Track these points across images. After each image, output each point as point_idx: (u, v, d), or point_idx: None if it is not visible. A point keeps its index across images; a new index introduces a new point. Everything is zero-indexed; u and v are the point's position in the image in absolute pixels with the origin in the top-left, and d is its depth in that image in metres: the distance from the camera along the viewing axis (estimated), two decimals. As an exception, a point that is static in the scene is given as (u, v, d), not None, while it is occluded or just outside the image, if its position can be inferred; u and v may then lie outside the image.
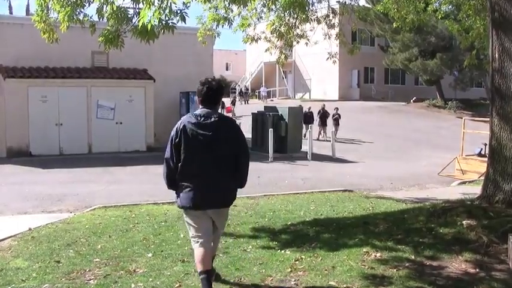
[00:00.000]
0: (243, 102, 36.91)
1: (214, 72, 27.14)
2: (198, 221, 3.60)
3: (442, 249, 4.89)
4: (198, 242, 3.58)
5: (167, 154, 3.57)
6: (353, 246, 5.18)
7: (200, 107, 3.62)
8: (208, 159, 3.49)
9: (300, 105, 20.22)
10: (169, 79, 17.61)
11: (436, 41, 31.15)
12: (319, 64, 36.61)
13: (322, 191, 10.01)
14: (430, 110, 32.56)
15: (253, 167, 16.53)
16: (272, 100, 37.19)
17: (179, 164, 3.49)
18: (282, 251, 5.10)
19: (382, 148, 19.10)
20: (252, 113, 17.68)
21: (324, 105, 21.89)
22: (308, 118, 20.55)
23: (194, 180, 3.51)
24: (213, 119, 3.51)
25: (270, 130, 15.46)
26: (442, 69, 31.71)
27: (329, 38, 9.96)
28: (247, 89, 39.63)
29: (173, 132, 3.56)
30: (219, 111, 3.67)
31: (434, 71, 31.71)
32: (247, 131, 20.00)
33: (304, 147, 16.53)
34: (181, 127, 3.55)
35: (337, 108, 21.38)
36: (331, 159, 16.06)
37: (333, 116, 21.01)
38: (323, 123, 20.75)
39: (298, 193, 9.64)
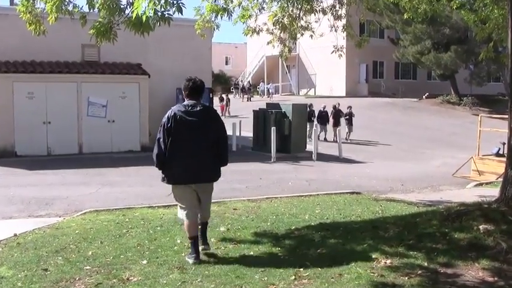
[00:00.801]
0: (246, 99, 36.81)
1: (213, 67, 27.30)
2: (185, 194, 4.88)
3: (457, 256, 4.88)
4: (185, 212, 4.87)
5: (159, 135, 4.74)
6: (361, 252, 5.18)
7: (186, 99, 4.92)
8: (195, 141, 4.74)
9: (310, 104, 20.07)
10: (165, 74, 17.63)
11: (450, 33, 31.09)
12: (325, 58, 36.50)
13: (329, 193, 10.02)
14: (444, 107, 32.57)
15: (255, 167, 16.34)
16: (269, 97, 37.17)
17: (169, 145, 4.67)
18: (286, 258, 5.11)
19: (393, 147, 19.11)
20: (253, 111, 17.71)
21: (338, 103, 21.49)
22: (323, 118, 20.35)
23: (182, 158, 4.72)
24: (198, 108, 4.85)
25: (273, 129, 15.49)
26: (456, 62, 31.65)
27: (335, 30, 9.93)
28: (250, 85, 39.54)
29: (165, 119, 4.83)
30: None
31: (449, 65, 31.66)
32: (249, 131, 20.18)
33: (309, 147, 16.56)
34: (172, 114, 4.84)
35: (350, 107, 20.93)
36: (338, 159, 16.09)
37: (346, 115, 20.68)
38: (336, 123, 20.29)
39: (302, 196, 9.66)
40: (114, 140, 16.25)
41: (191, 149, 4.78)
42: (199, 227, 5.05)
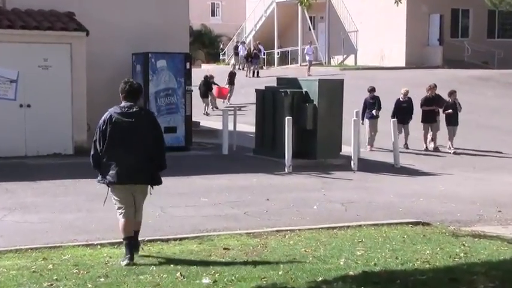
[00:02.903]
0: (252, 73, 36.47)
1: (192, 20, 27.11)
2: (122, 195, 7.38)
3: None
4: (122, 213, 7.40)
5: (95, 137, 7.28)
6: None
7: (123, 102, 7.37)
8: (130, 142, 7.20)
9: (372, 88, 19.20)
10: (115, 31, 17.63)
11: None
12: (373, 6, 36.67)
13: (377, 223, 9.98)
14: None
15: (259, 182, 16.42)
16: (307, 68, 36.91)
17: (106, 147, 7.19)
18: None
19: (484, 150, 19.04)
20: (257, 91, 17.70)
21: (435, 85, 19.64)
22: (405, 111, 18.83)
23: (118, 159, 7.21)
24: (134, 110, 7.31)
25: (287, 120, 15.44)
26: None
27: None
28: (258, 50, 39.10)
29: (101, 121, 7.31)
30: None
31: None
32: (249, 123, 19.96)
33: (347, 149, 16.55)
34: (108, 117, 7.27)
35: (453, 93, 19.03)
36: (393, 169, 16.08)
37: (447, 106, 18.82)
38: (431, 119, 19.06)
39: (335, 227, 9.63)
40: (30, 136, 16.15)
41: (127, 151, 7.24)
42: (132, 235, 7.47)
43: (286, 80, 18.50)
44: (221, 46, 46.73)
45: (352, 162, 15.67)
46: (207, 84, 26.68)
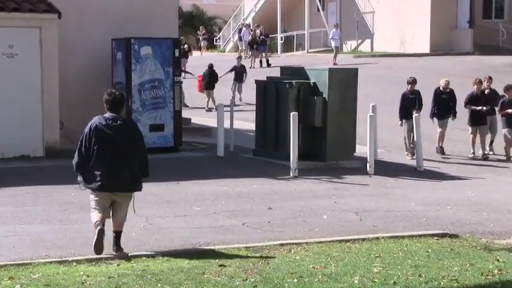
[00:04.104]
0: (260, 62, 35.77)
1: (182, 0, 27.02)
2: (100, 199, 8.81)
3: None
4: (95, 210, 8.81)
5: (79, 145, 8.72)
6: None
7: (108, 112, 8.89)
8: (114, 152, 8.72)
9: (413, 79, 17.85)
10: (92, 13, 17.64)
11: None
12: (392, -17, 36.71)
13: (397, 235, 9.98)
14: None
15: (260, 188, 16.38)
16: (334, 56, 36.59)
17: (89, 155, 8.69)
18: None
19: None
20: (257, 82, 17.67)
21: (489, 77, 18.95)
22: (442, 103, 18.14)
23: (102, 169, 8.67)
24: (118, 122, 8.80)
25: (292, 115, 15.44)
26: None
27: None
28: (266, 35, 38.41)
29: (87, 129, 8.77)
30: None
31: None
32: (248, 120, 19.91)
33: (361, 149, 16.55)
34: (94, 126, 8.75)
35: (510, 88, 18.18)
36: (415, 172, 16.08)
37: (503, 104, 17.90)
38: (479, 122, 18.22)
39: (348, 240, 9.65)
40: (-7, 136, 16.21)
41: (110, 161, 8.77)
42: (113, 235, 8.88)
43: (291, 69, 18.46)
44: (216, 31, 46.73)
45: (367, 164, 15.64)
46: (213, 74, 26.33)
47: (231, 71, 27.60)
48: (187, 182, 13.95)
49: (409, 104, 17.81)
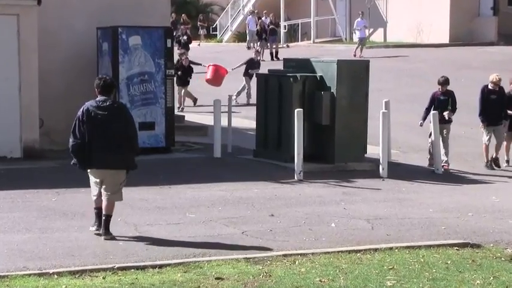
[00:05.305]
0: (270, 54, 35.76)
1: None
2: (95, 177, 10.41)
3: None
4: (93, 190, 10.45)
5: (73, 128, 10.30)
6: None
7: (98, 96, 10.47)
8: (105, 132, 10.28)
9: (445, 79, 16.79)
10: (75, 1, 17.65)
11: None
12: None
13: (413, 245, 10.00)
14: None
15: (260, 193, 16.41)
16: (358, 48, 36.49)
17: (82, 136, 10.25)
18: None
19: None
20: (257, 75, 17.62)
21: None
22: (493, 105, 18.13)
23: (94, 148, 10.24)
24: (108, 103, 10.41)
25: (297, 112, 15.44)
26: None
27: None
28: (276, 24, 38.39)
29: (80, 113, 10.34)
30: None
31: None
32: (247, 118, 19.88)
33: (373, 150, 16.60)
34: (85, 109, 10.31)
35: None
36: (433, 175, 16.08)
37: None
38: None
39: (358, 250, 9.66)
40: (-34, 136, 16.23)
41: (102, 139, 10.27)
42: (103, 218, 10.22)
43: (296, 61, 18.33)
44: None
45: (380, 167, 15.65)
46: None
47: (245, 63, 26.99)
48: (180, 186, 13.96)
49: (439, 106, 16.95)
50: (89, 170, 10.49)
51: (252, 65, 26.62)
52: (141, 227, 10.83)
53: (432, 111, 16.52)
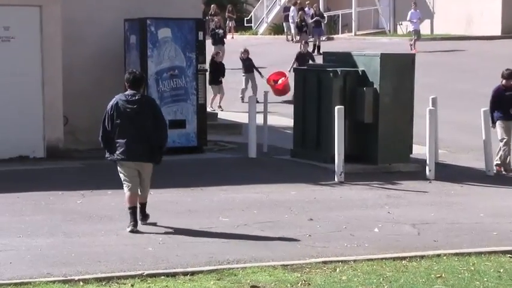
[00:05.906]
0: (314, 47, 35.52)
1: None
2: (128, 170, 11.12)
3: None
4: (127, 186, 11.07)
5: (104, 120, 11.13)
6: None
7: (128, 90, 11.22)
8: (134, 125, 11.10)
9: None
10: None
11: None
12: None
13: (462, 252, 9.95)
14: None
15: (298, 195, 16.46)
16: (412, 42, 36.49)
17: (113, 129, 11.07)
18: None
19: None
20: (295, 70, 17.58)
21: None
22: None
23: (125, 140, 11.03)
24: (137, 97, 11.17)
25: (337, 110, 15.41)
26: None
27: None
28: (321, 15, 38.43)
29: (109, 107, 11.19)
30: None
31: None
32: (285, 116, 19.92)
33: (419, 150, 16.48)
34: (114, 103, 11.14)
35: None
36: (484, 177, 15.96)
37: None
38: None
39: (404, 257, 9.64)
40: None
41: (131, 132, 10.97)
42: (139, 206, 11.08)
43: (336, 55, 18.30)
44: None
45: (427, 168, 15.58)
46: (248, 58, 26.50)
47: (296, 60, 27.01)
48: (213, 188, 13.99)
49: (506, 103, 16.55)
50: (119, 167, 11.12)
51: (302, 60, 26.38)
52: (172, 232, 10.83)
53: (482, 109, 16.27)
